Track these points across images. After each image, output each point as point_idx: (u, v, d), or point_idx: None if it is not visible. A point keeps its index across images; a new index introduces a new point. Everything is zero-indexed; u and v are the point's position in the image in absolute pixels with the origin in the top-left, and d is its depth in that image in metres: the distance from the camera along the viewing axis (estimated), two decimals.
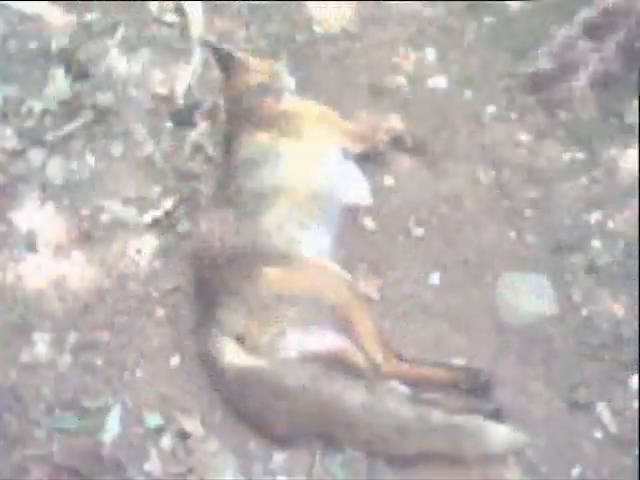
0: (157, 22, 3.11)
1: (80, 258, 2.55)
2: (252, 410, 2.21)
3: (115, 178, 2.73)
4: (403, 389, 2.23)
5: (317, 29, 3.09)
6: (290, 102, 2.68)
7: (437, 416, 2.12)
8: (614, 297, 2.44)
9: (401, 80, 2.93)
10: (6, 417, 2.25)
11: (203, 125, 2.81)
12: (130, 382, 2.33)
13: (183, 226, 2.60)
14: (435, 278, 2.51)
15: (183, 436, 2.22)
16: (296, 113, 2.62)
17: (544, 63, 2.76)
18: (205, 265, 2.38)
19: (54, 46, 2.98)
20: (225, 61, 2.73)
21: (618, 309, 2.41)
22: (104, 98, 2.86)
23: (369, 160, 2.69)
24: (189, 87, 2.93)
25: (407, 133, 2.74)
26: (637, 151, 2.71)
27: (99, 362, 2.36)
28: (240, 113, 2.65)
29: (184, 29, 3.08)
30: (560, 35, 2.75)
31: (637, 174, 2.66)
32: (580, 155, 2.74)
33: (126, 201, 2.67)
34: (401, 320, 2.42)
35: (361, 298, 2.36)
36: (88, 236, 2.59)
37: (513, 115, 2.85)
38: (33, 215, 2.64)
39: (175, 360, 2.37)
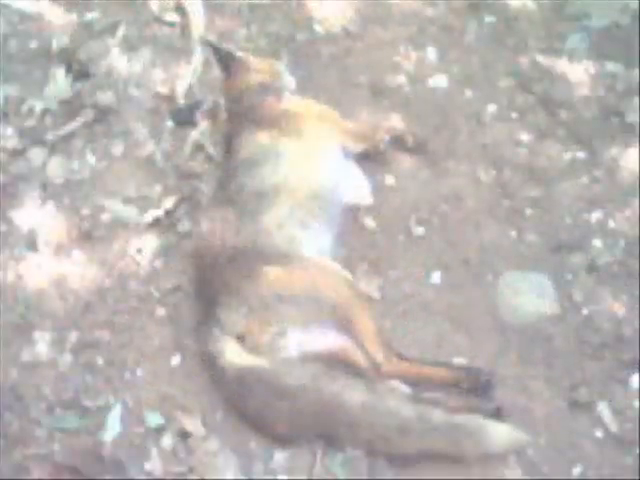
0: (158, 21, 3.11)
1: (81, 257, 2.55)
2: (253, 409, 2.21)
3: (116, 177, 2.73)
4: (404, 388, 2.23)
5: (318, 28, 3.08)
6: (291, 101, 2.68)
7: (438, 415, 2.11)
8: (615, 296, 2.43)
9: (402, 79, 2.93)
10: (7, 416, 2.25)
11: (204, 124, 2.80)
12: (131, 381, 2.33)
13: (184, 225, 2.59)
14: (436, 277, 2.51)
15: (184, 435, 2.22)
16: (297, 112, 2.62)
17: None
18: (206, 264, 2.38)
19: (55, 45, 2.98)
20: (226, 60, 2.73)
21: (619, 308, 2.41)
22: (105, 97, 2.86)
23: (370, 159, 2.69)
24: (190, 86, 2.92)
25: (408, 132, 2.75)
26: (638, 150, 2.71)
27: (100, 361, 2.36)
28: (241, 112, 2.65)
29: (185, 28, 3.08)
30: None
31: (638, 173, 2.66)
32: (581, 154, 2.74)
33: (127, 200, 2.67)
34: (402, 319, 2.42)
35: (362, 297, 2.36)
36: (89, 235, 2.59)
37: (514, 114, 2.84)
38: (34, 214, 2.64)
39: (176, 359, 2.37)
